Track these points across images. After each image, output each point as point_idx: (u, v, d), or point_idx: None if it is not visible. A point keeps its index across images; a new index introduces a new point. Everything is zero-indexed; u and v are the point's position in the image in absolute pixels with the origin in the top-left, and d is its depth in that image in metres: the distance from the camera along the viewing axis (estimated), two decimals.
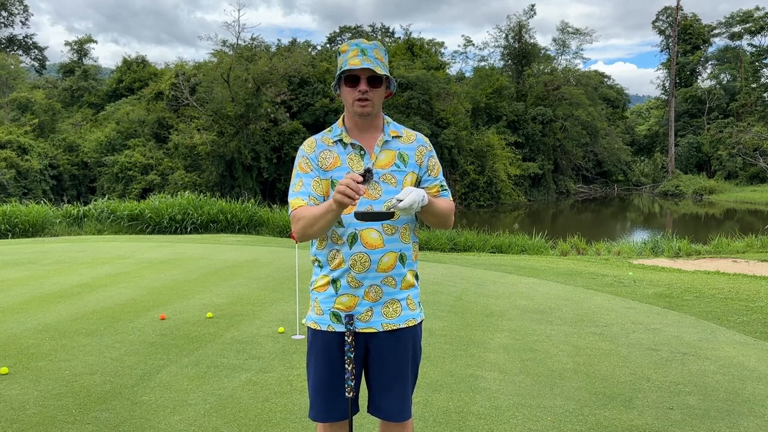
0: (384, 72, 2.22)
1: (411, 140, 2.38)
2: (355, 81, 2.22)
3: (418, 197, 2.15)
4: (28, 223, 15.99)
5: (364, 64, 2.17)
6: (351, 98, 2.24)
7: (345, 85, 2.24)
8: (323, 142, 2.34)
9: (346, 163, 2.29)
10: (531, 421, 3.65)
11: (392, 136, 2.35)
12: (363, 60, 2.18)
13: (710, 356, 4.99)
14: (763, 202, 35.66)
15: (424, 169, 2.38)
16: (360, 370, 2.37)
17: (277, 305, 6.49)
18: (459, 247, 15.11)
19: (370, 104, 2.24)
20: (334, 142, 2.32)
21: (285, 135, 33.17)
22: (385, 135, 2.33)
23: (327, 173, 2.29)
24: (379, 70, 2.19)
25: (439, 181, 2.42)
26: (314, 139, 2.36)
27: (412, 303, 2.38)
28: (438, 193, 2.41)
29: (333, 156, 2.30)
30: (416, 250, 2.42)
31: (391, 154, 2.32)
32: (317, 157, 2.31)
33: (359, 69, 2.20)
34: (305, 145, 2.36)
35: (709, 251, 13.81)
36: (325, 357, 2.33)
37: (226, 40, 35.72)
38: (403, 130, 2.40)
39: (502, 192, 37.95)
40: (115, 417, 3.64)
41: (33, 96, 35.71)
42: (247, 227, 17.10)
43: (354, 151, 2.29)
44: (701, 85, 51.18)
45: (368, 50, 2.21)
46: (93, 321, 5.78)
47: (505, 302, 6.94)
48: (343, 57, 2.24)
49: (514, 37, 46.06)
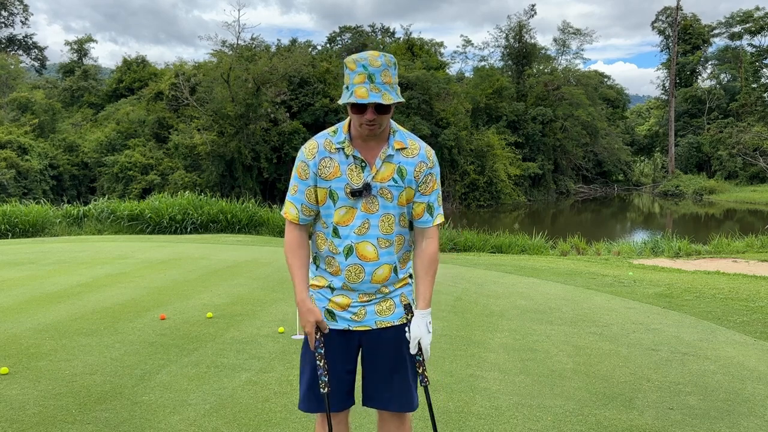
0: (393, 99, 2.13)
1: (414, 154, 2.32)
2: (362, 109, 2.16)
3: (423, 332, 2.29)
4: (28, 223, 16.00)
5: (371, 96, 2.09)
6: (358, 122, 2.19)
7: (351, 111, 2.19)
8: (325, 147, 2.28)
9: (345, 174, 2.26)
10: (531, 421, 3.65)
11: (396, 148, 2.29)
12: (370, 90, 2.10)
13: (710, 356, 4.99)
14: (763, 202, 35.65)
15: (419, 184, 2.33)
16: (354, 366, 2.40)
17: (277, 305, 6.48)
18: (459, 247, 15.11)
19: (378, 128, 2.20)
20: (336, 149, 2.28)
21: (285, 135, 33.16)
22: (389, 148, 2.28)
23: (327, 182, 2.27)
24: (386, 100, 2.11)
25: (427, 201, 2.34)
26: (316, 143, 2.30)
27: (405, 299, 2.40)
28: (421, 215, 2.34)
29: (333, 165, 2.27)
30: (408, 257, 2.44)
31: (391, 167, 2.28)
32: (317, 164, 2.28)
33: (365, 103, 2.11)
34: (306, 150, 2.31)
35: (709, 251, 13.81)
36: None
37: (226, 40, 35.76)
38: (409, 141, 2.33)
39: (502, 192, 37.96)
40: (115, 417, 3.64)
41: (33, 96, 35.70)
42: (247, 227, 17.10)
43: (355, 163, 2.27)
44: (701, 85, 51.17)
45: (376, 75, 2.11)
46: (93, 321, 5.77)
47: (505, 302, 6.94)
48: (350, 77, 2.14)
49: (515, 37, 46.07)
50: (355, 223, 2.27)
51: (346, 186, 2.26)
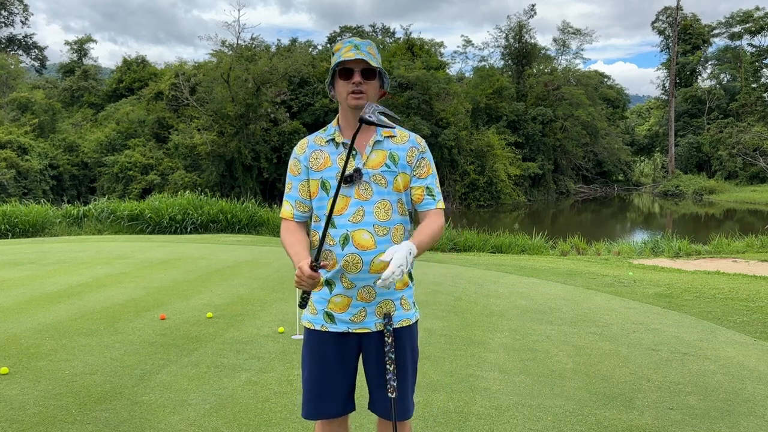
0: (377, 65, 2.27)
1: (404, 140, 2.36)
2: (349, 74, 2.26)
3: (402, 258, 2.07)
4: (28, 223, 16.00)
5: (357, 57, 2.23)
6: (345, 91, 2.27)
7: (339, 79, 2.28)
8: (315, 142, 2.38)
9: (336, 163, 2.29)
10: (531, 421, 3.65)
11: (385, 135, 2.34)
12: (356, 53, 2.24)
13: (710, 356, 4.99)
14: (763, 202, 35.66)
15: (414, 168, 2.35)
16: (354, 370, 2.37)
17: (277, 305, 6.48)
18: (459, 247, 15.11)
19: (364, 97, 2.26)
20: (326, 142, 2.35)
21: (285, 135, 33.17)
22: (377, 135, 2.33)
23: (318, 173, 2.32)
24: (372, 63, 2.24)
25: (425, 184, 2.35)
26: (307, 139, 2.42)
27: (406, 303, 2.37)
28: (422, 198, 2.34)
29: (324, 156, 2.33)
30: None
31: (382, 154, 2.31)
32: (308, 158, 2.35)
33: (353, 60, 2.24)
34: (297, 146, 2.42)
35: (709, 251, 13.81)
36: (318, 355, 2.35)
37: (225, 40, 35.78)
38: (397, 130, 2.37)
39: (502, 192, 37.96)
40: (115, 417, 3.64)
41: (33, 96, 35.72)
42: (247, 227, 17.11)
43: (345, 151, 2.28)
44: (701, 85, 51.19)
45: (361, 46, 2.27)
46: (93, 321, 5.78)
47: (505, 302, 6.94)
48: (337, 54, 2.29)
49: (515, 37, 46.08)
50: (349, 211, 2.26)
51: (337, 174, 2.27)
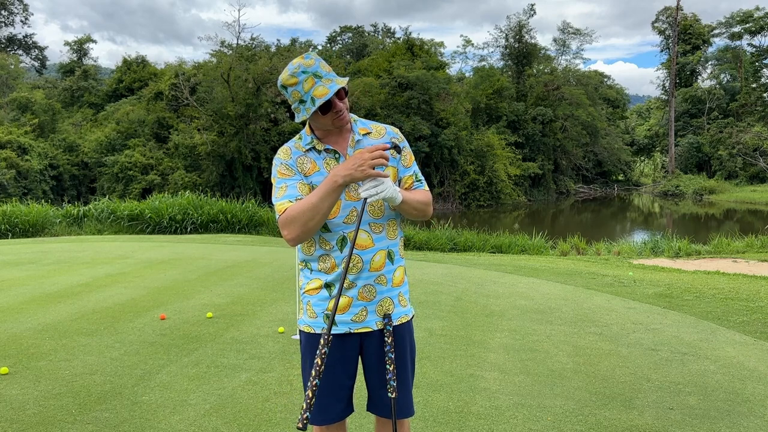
0: (344, 81, 2.20)
1: (381, 134, 2.37)
2: (327, 106, 2.19)
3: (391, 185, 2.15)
4: (28, 223, 16.00)
5: (330, 87, 2.14)
6: (328, 121, 2.23)
7: (321, 115, 2.21)
8: (297, 148, 2.31)
9: (323, 168, 2.27)
10: (531, 421, 3.65)
11: (362, 134, 2.34)
12: (322, 84, 2.15)
13: (710, 356, 4.99)
14: (763, 202, 35.66)
15: (399, 159, 2.36)
16: (355, 371, 2.37)
17: (277, 305, 6.49)
18: (459, 247, 15.11)
19: (345, 114, 2.25)
20: (307, 150, 2.30)
21: (285, 135, 33.13)
22: (355, 134, 2.32)
23: (308, 178, 2.28)
24: (342, 83, 2.17)
25: (412, 171, 2.40)
26: (287, 146, 2.34)
27: (403, 299, 2.39)
28: (412, 185, 2.40)
29: (310, 161, 2.29)
30: (402, 245, 2.44)
31: None
32: (295, 162, 2.29)
33: (330, 97, 2.16)
34: (280, 153, 2.32)
35: (709, 251, 13.81)
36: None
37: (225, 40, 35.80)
38: (372, 125, 2.38)
39: (502, 192, 37.96)
40: (115, 417, 3.64)
41: (33, 96, 35.69)
42: (247, 227, 17.11)
43: (329, 156, 2.28)
44: (701, 85, 51.18)
45: (319, 71, 2.17)
46: (93, 321, 5.78)
47: (505, 302, 6.94)
48: (298, 90, 2.17)
49: (514, 37, 46.09)
50: (343, 213, 2.26)
51: (349, 193, 2.27)
